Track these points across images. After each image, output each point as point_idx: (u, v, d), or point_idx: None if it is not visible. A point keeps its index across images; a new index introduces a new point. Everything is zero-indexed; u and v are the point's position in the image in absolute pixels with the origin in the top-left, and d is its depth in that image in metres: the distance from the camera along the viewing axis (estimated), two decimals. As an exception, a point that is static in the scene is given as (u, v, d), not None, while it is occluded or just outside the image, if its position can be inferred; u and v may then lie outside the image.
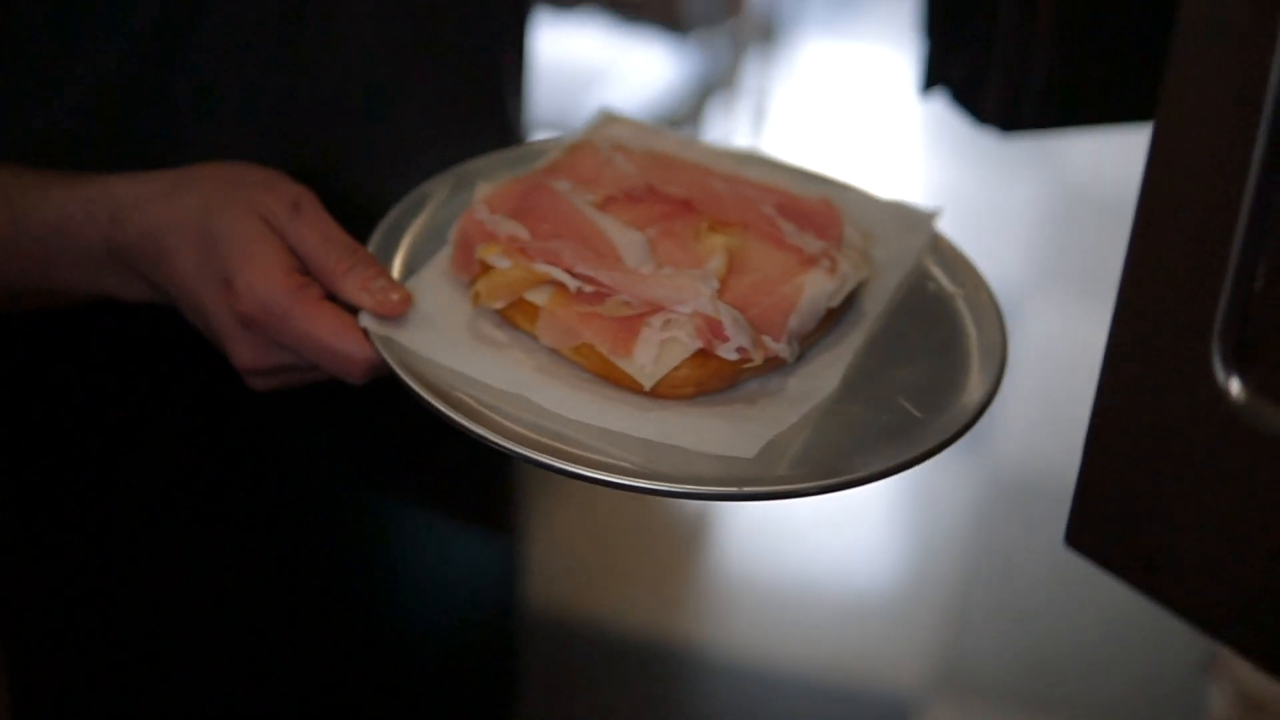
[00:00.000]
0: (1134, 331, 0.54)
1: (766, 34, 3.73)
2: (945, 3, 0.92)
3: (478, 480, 1.16)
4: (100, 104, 0.86)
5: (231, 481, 1.01)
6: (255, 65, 0.89)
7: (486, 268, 0.79)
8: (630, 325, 0.76)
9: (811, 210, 0.86)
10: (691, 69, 3.50)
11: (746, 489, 0.71)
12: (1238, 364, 0.51)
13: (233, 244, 0.76)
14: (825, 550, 2.46)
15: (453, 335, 0.78)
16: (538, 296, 0.78)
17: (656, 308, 0.77)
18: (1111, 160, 3.44)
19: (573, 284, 0.78)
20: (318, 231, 0.78)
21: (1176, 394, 0.53)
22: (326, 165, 0.90)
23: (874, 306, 0.84)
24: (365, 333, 0.77)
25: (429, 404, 0.73)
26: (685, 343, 0.75)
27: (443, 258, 0.83)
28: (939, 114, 0.93)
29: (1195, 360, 0.52)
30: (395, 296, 0.77)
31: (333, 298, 0.78)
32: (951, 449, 0.74)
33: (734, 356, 0.75)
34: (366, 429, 1.05)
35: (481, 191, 0.86)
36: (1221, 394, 0.51)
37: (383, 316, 0.77)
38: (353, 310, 0.78)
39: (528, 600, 1.30)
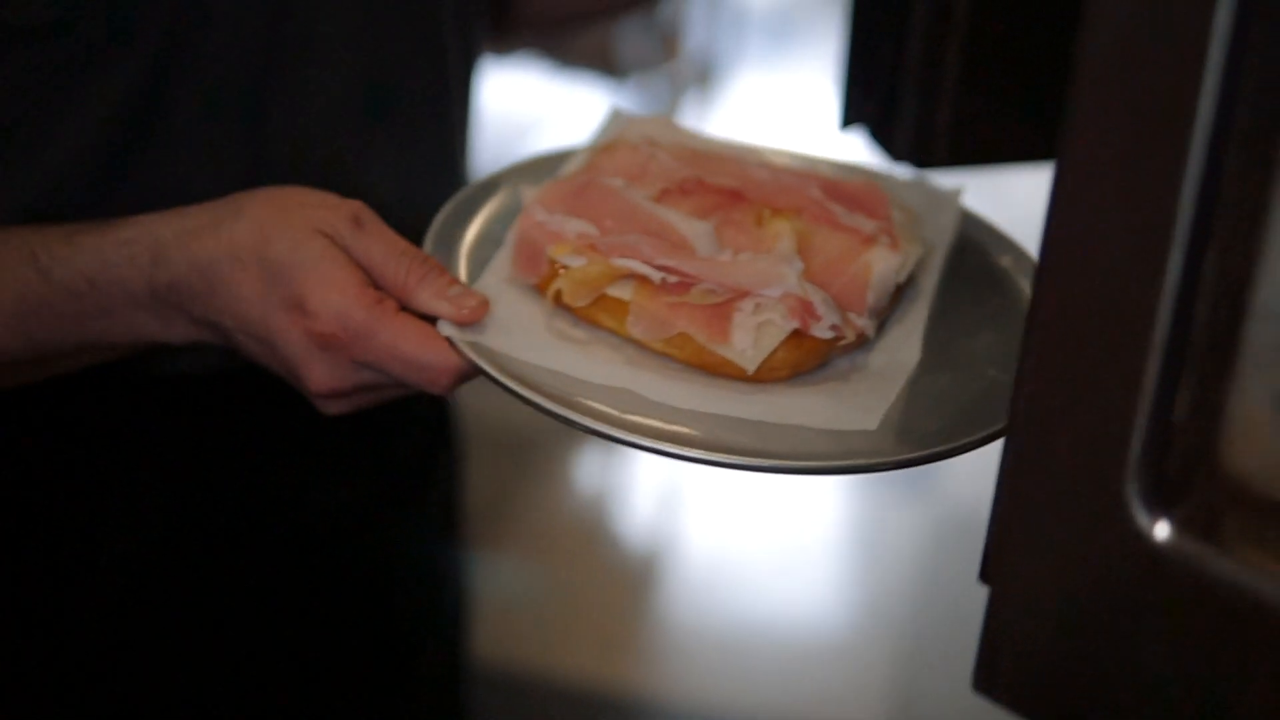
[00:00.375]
0: (1032, 467, 0.48)
1: (703, 76, 3.73)
2: (859, 43, 0.94)
3: (419, 530, 1.15)
4: (70, 179, 0.85)
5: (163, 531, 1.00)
6: (225, 127, 0.89)
7: (556, 268, 0.79)
8: (721, 312, 0.76)
9: (856, 192, 0.87)
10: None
11: (878, 460, 0.71)
12: (1160, 504, 0.46)
13: (299, 265, 0.74)
14: (774, 594, 2.45)
15: (535, 336, 0.77)
16: (619, 291, 0.78)
17: (742, 293, 0.77)
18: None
19: (656, 275, 0.77)
20: (383, 244, 0.77)
21: (1087, 537, 0.48)
22: None
23: (928, 281, 0.86)
24: (449, 342, 0.75)
25: (539, 405, 0.72)
26: (780, 324, 0.76)
27: (500, 263, 0.82)
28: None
29: (1108, 500, 0.46)
30: (473, 302, 0.76)
31: (405, 310, 0.76)
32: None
33: (829, 334, 0.76)
34: (308, 485, 1.04)
35: (528, 195, 0.85)
36: (1141, 536, 0.46)
37: (463, 324, 0.76)
38: (429, 320, 0.76)
39: (474, 651, 1.29)
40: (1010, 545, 0.51)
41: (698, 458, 0.70)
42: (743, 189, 0.86)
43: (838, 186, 0.88)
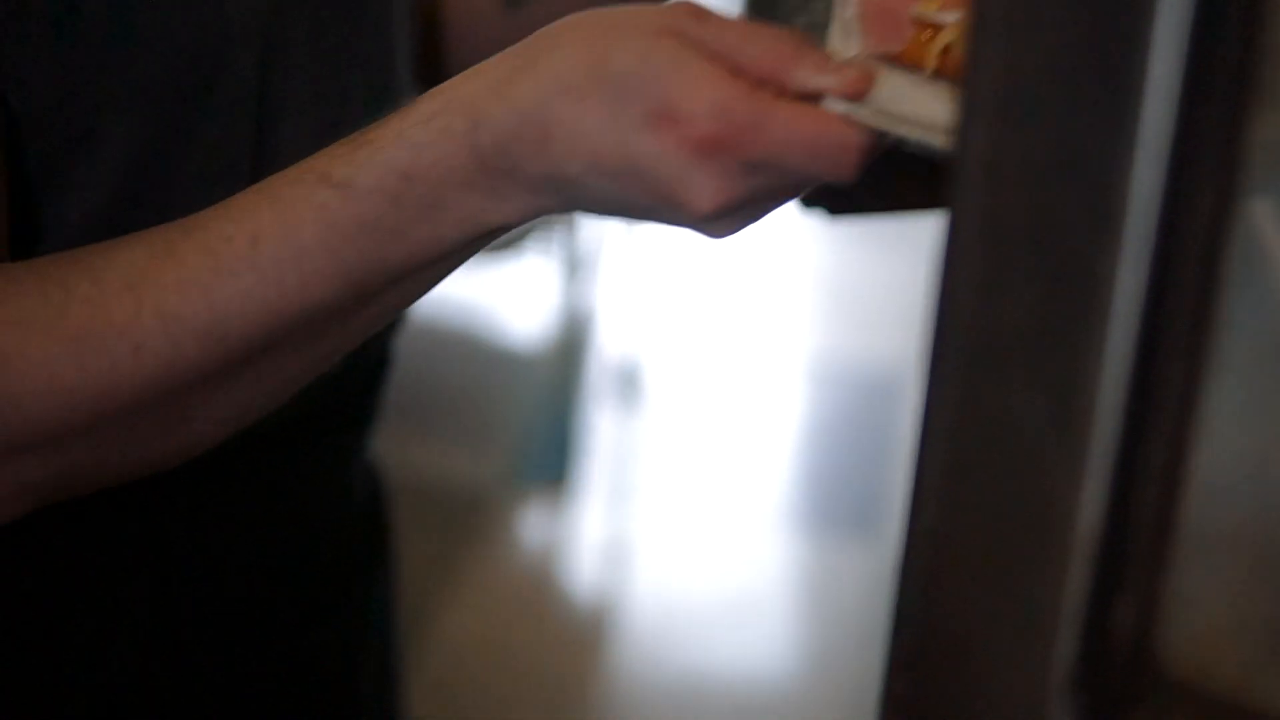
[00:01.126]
0: (934, 683, 0.40)
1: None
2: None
3: (361, 584, 1.08)
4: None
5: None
6: (226, 187, 0.81)
7: (925, 29, 0.71)
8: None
9: None
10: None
11: None
12: None
13: (656, 71, 0.65)
14: (725, 648, 2.42)
15: (931, 100, 0.69)
16: None
17: None
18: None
19: None
20: (737, 28, 0.67)
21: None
22: None
23: None
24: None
25: None
26: None
27: (837, 42, 0.74)
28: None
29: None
30: (856, 72, 0.67)
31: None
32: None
33: None
34: (249, 540, 0.97)
35: None
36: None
37: (853, 97, 0.66)
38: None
39: (416, 711, 1.25)
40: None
41: None
42: None
43: None
